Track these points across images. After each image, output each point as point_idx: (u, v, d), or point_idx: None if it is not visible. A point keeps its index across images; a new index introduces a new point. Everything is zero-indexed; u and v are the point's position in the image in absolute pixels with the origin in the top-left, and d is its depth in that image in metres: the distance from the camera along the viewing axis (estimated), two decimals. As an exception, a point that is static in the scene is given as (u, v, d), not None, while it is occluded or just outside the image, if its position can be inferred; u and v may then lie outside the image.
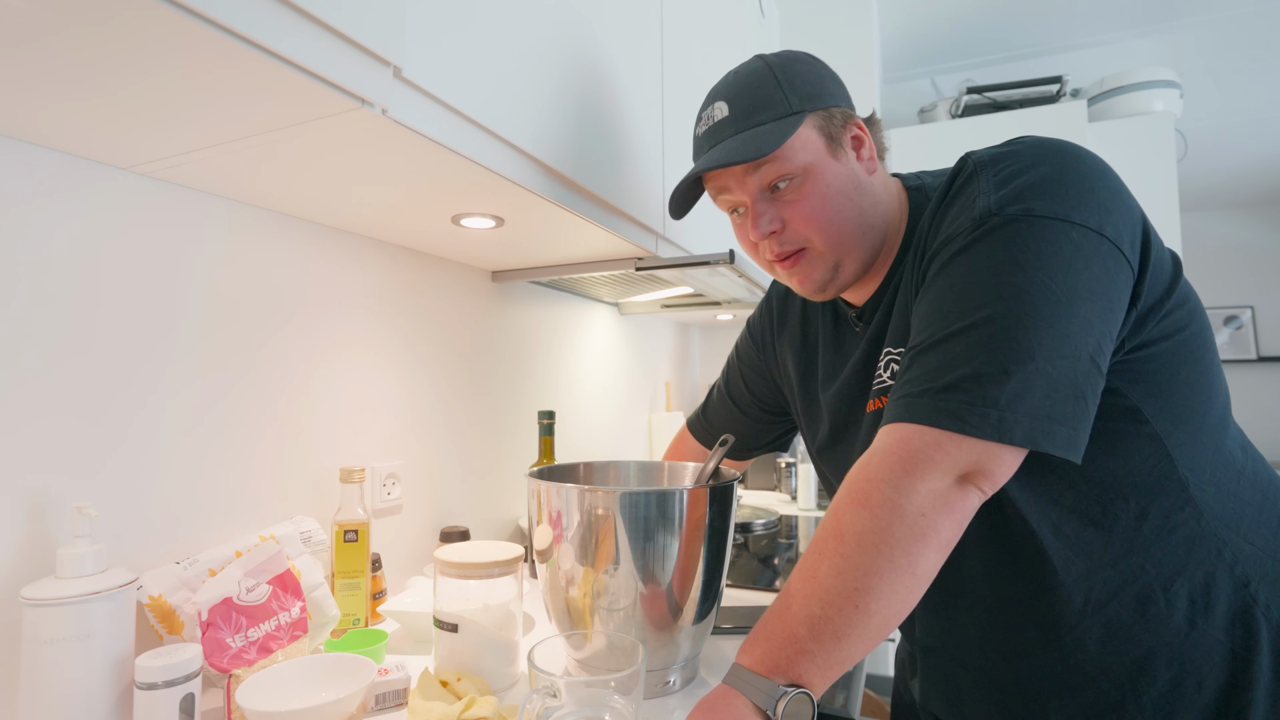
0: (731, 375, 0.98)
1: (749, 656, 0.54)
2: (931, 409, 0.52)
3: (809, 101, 0.65)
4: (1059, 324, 0.51)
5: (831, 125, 0.66)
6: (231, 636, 0.66)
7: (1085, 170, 0.55)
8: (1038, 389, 0.50)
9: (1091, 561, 0.58)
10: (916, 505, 0.50)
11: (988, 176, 0.58)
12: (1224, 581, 0.57)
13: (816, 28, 2.15)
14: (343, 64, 0.52)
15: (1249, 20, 2.50)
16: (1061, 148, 0.57)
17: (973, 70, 2.90)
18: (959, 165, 0.62)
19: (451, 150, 0.66)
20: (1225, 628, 0.57)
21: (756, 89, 0.66)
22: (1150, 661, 0.57)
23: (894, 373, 0.65)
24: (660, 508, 0.70)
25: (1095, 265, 0.52)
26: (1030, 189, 0.54)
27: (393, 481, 1.06)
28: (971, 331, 0.52)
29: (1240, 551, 0.58)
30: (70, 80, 0.51)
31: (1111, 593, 0.58)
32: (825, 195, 0.65)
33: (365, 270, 1.03)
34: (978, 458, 0.51)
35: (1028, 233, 0.53)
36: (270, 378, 0.88)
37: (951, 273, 0.56)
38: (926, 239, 0.63)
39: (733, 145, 0.65)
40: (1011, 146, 0.59)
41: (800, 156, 0.64)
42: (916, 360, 0.56)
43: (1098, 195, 0.54)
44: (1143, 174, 2.67)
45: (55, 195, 0.66)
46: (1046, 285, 0.51)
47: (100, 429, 0.69)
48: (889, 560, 0.50)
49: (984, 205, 0.56)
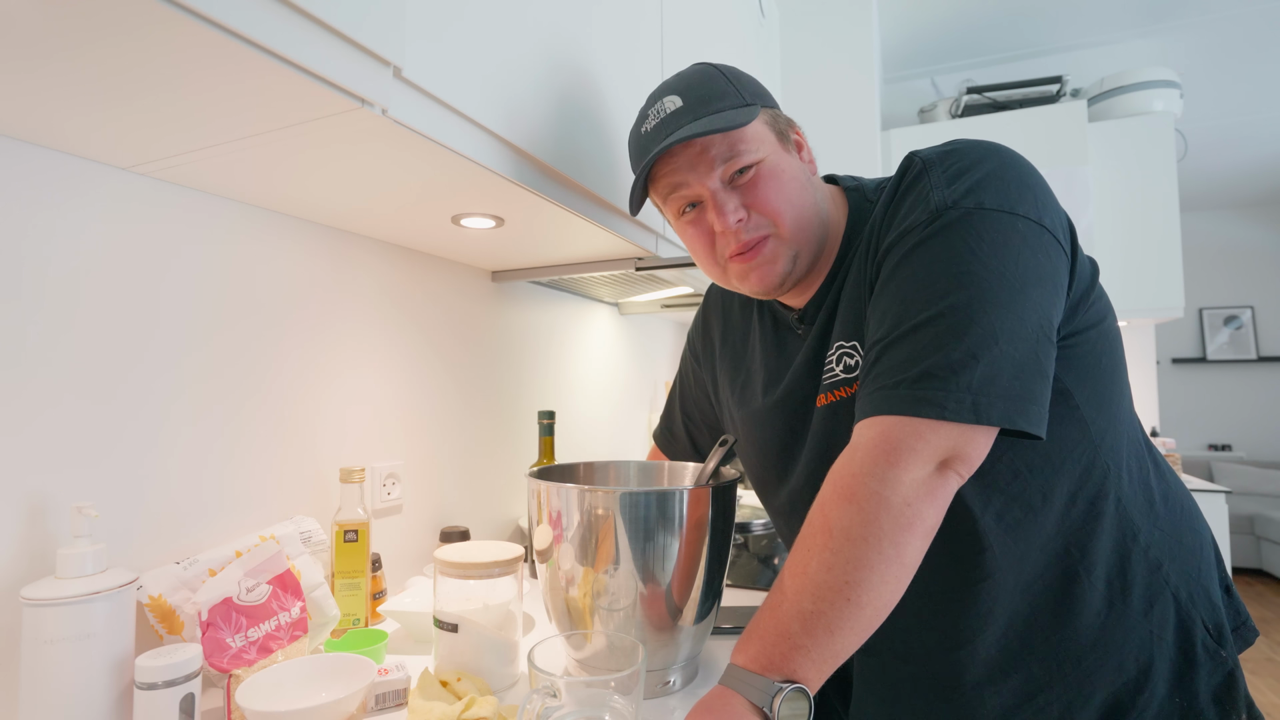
0: (684, 390, 0.97)
1: (743, 655, 0.54)
2: (909, 398, 0.53)
3: (758, 99, 0.68)
4: (1015, 308, 0.53)
5: (779, 124, 0.69)
6: (231, 636, 0.66)
7: (1022, 168, 0.59)
8: (1005, 370, 0.52)
9: (1025, 546, 0.60)
10: (902, 496, 0.52)
11: (938, 173, 0.60)
12: (1139, 565, 0.61)
13: (816, 28, 2.15)
14: (342, 64, 0.52)
15: (1249, 20, 2.50)
16: (997, 148, 0.60)
17: (973, 70, 2.90)
18: (906, 162, 0.63)
19: (451, 150, 0.66)
20: (1143, 610, 0.61)
21: (708, 84, 0.67)
22: (1074, 643, 0.60)
23: (846, 365, 0.65)
24: (660, 508, 0.70)
25: (1040, 253, 0.56)
26: (979, 184, 0.57)
27: (393, 481, 1.06)
28: (938, 320, 0.54)
29: (1152, 537, 0.62)
30: (70, 81, 0.51)
31: (1037, 574, 0.61)
32: (784, 181, 0.66)
33: (365, 270, 1.03)
34: (955, 442, 0.53)
35: (980, 224, 0.56)
36: (270, 377, 0.88)
37: (912, 264, 0.58)
38: (879, 233, 0.64)
39: (702, 125, 0.63)
40: (954, 146, 0.62)
41: (760, 148, 0.66)
42: (886, 352, 0.56)
43: (1034, 190, 0.58)
44: (1143, 174, 2.67)
45: (55, 196, 0.66)
46: (1001, 272, 0.54)
47: (100, 429, 0.69)
48: (878, 552, 0.51)
49: (939, 199, 0.58)
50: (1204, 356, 4.85)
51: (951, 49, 2.76)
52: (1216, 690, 0.61)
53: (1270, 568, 4.29)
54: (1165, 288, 2.63)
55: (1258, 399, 4.77)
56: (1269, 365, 4.75)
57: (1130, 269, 2.65)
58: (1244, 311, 4.81)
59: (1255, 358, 4.73)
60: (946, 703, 0.65)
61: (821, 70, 2.14)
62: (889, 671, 0.69)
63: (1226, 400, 4.82)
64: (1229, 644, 0.62)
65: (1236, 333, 4.80)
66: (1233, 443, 4.81)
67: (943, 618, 0.64)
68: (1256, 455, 4.75)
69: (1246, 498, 4.45)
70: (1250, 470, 4.47)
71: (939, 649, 0.65)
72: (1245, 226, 4.86)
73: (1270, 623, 3.63)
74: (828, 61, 2.14)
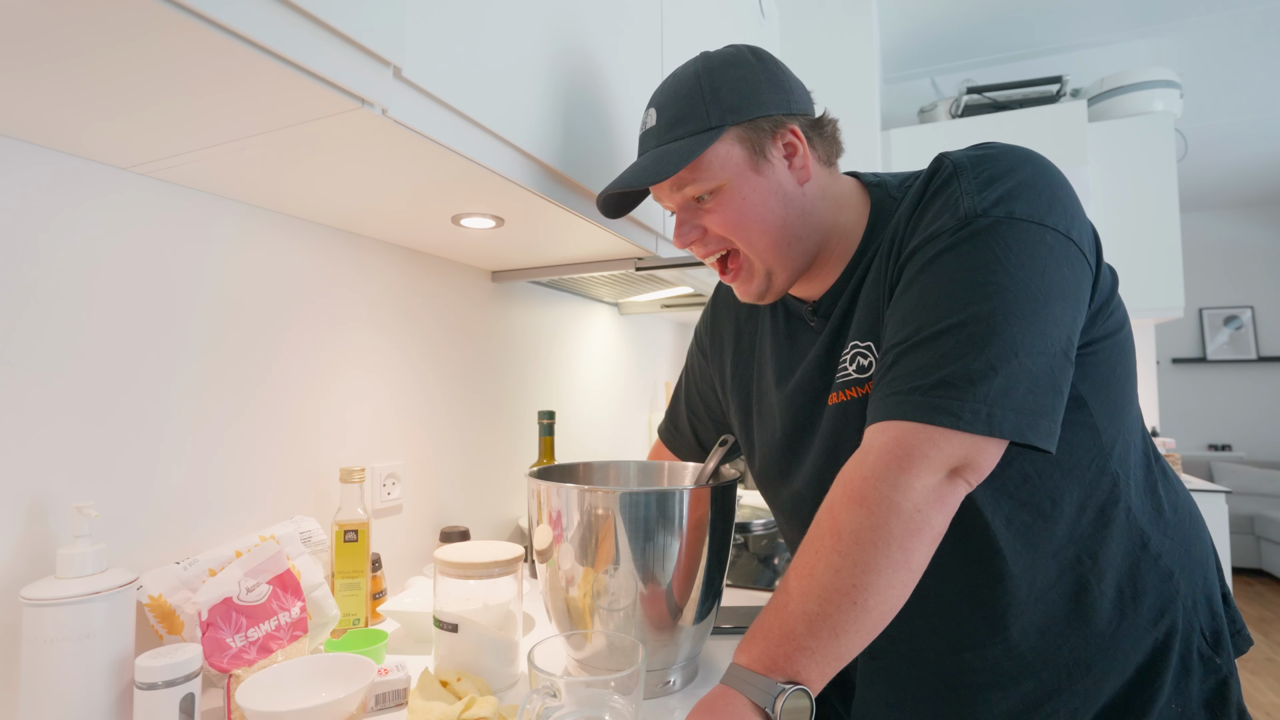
0: (690, 385, 0.97)
1: (746, 655, 0.54)
2: (924, 405, 0.53)
3: (731, 115, 0.65)
4: (1038, 322, 0.53)
5: (757, 136, 0.66)
6: (231, 636, 0.66)
7: (1053, 178, 0.58)
8: (1021, 384, 0.52)
9: (1037, 552, 0.60)
10: (913, 502, 0.52)
11: (969, 178, 0.59)
12: (1150, 574, 0.61)
13: (816, 27, 2.15)
14: (343, 64, 0.52)
15: (1249, 20, 2.50)
16: (1030, 155, 0.59)
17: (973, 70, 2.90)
18: (936, 164, 0.62)
19: (451, 150, 0.66)
20: (1152, 619, 0.61)
21: (683, 99, 0.67)
22: (1084, 650, 0.60)
23: (860, 366, 0.65)
24: (660, 508, 0.70)
25: (1065, 266, 0.55)
26: (1011, 193, 0.56)
27: (393, 481, 1.06)
28: (960, 329, 0.54)
29: (1162, 545, 0.62)
30: (71, 81, 0.51)
31: (1050, 582, 0.61)
32: (741, 209, 0.66)
33: (366, 270, 1.03)
34: (967, 451, 0.52)
35: (1009, 234, 0.55)
36: (270, 377, 0.88)
37: (937, 270, 0.57)
38: (903, 235, 0.63)
39: (646, 162, 0.68)
40: (986, 150, 0.61)
41: (718, 173, 0.65)
42: (903, 357, 0.56)
43: (1063, 201, 0.57)
44: (1143, 174, 2.67)
45: (56, 196, 0.66)
46: (1027, 285, 0.54)
47: (100, 429, 0.69)
48: (886, 556, 0.51)
49: (969, 206, 0.57)
50: (1204, 356, 4.85)
51: (951, 49, 2.76)
52: (1209, 697, 0.61)
53: (1270, 568, 4.29)
54: (1165, 288, 2.63)
55: (1258, 399, 4.77)
56: (1269, 365, 4.74)
57: (1130, 269, 2.65)
58: (1244, 311, 4.81)
59: (1255, 358, 4.72)
60: (952, 706, 0.64)
61: (821, 70, 2.14)
62: (897, 674, 0.68)
63: (1226, 400, 4.82)
64: (1226, 651, 0.62)
65: (1236, 333, 4.80)
66: (1233, 443, 4.81)
67: (953, 621, 0.64)
68: (1256, 455, 4.75)
69: (1246, 498, 4.45)
70: (1250, 470, 4.47)
71: (948, 652, 0.64)
72: (1245, 226, 4.86)
73: (1270, 623, 3.63)
74: (828, 61, 2.14)
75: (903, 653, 0.67)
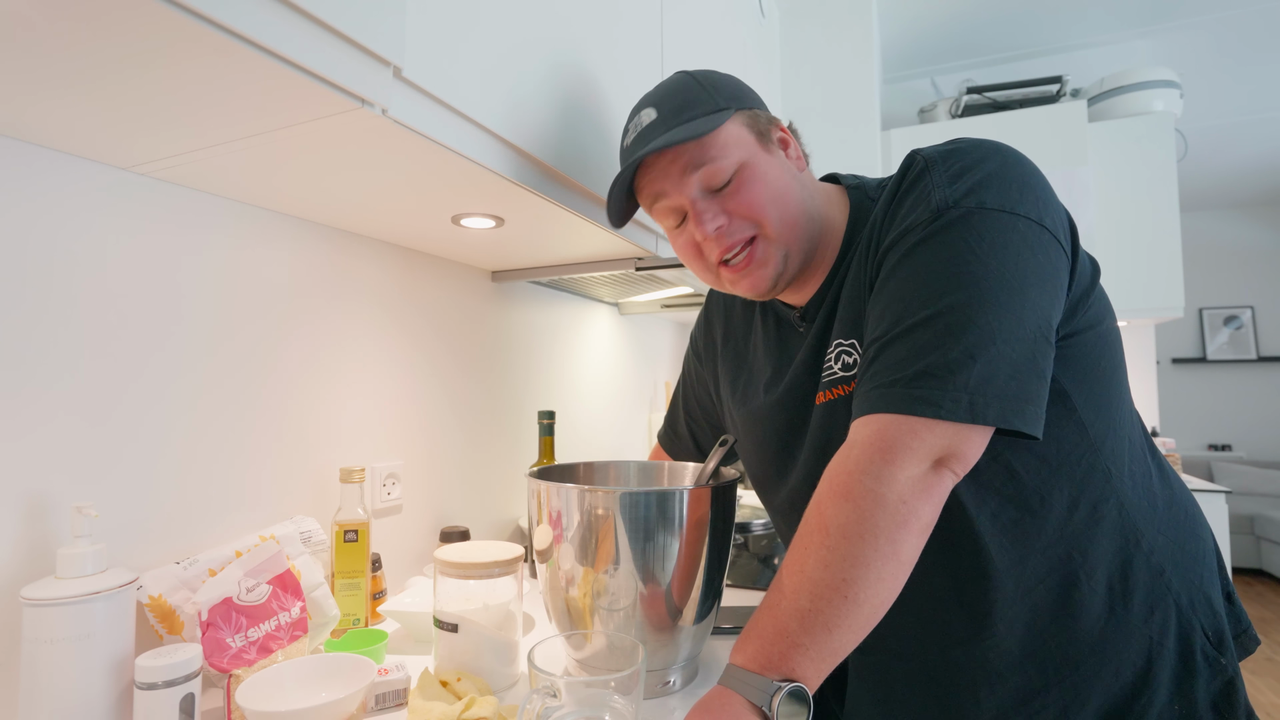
0: (687, 389, 0.97)
1: (742, 655, 0.54)
2: (905, 397, 0.53)
3: (734, 101, 0.68)
4: (1014, 308, 0.54)
5: (759, 123, 0.69)
6: (231, 636, 0.66)
7: (1024, 167, 0.59)
8: (1002, 371, 0.52)
9: (1024, 549, 0.60)
10: (897, 493, 0.52)
11: (939, 172, 0.60)
12: (1141, 570, 0.61)
13: (816, 28, 2.15)
14: (343, 64, 0.52)
15: (1249, 20, 2.50)
16: (1000, 147, 0.60)
17: (973, 70, 2.90)
18: (909, 161, 0.63)
19: (451, 150, 0.66)
20: (1144, 617, 0.60)
21: (682, 93, 0.68)
22: (1073, 646, 0.60)
23: (844, 364, 0.66)
24: (660, 508, 0.70)
25: (1039, 253, 0.56)
26: (980, 184, 0.57)
27: (393, 481, 1.06)
28: (936, 320, 0.54)
29: (1155, 542, 0.62)
30: (70, 81, 0.51)
31: (1038, 579, 0.60)
32: (765, 182, 0.66)
33: (365, 270, 1.03)
34: (950, 441, 0.53)
35: (981, 224, 0.56)
36: (270, 377, 0.88)
37: (912, 263, 0.58)
38: (879, 231, 0.64)
39: (669, 136, 0.65)
40: (956, 145, 0.62)
41: (735, 152, 0.66)
42: (883, 351, 0.57)
43: (1035, 190, 0.58)
44: (1143, 174, 2.67)
45: (57, 196, 0.66)
46: (1001, 272, 0.54)
47: (100, 429, 0.69)
48: (874, 549, 0.51)
49: (940, 198, 0.58)
50: (1204, 356, 4.85)
51: (951, 49, 2.76)
52: (1215, 698, 0.60)
53: (1270, 568, 4.29)
54: (1165, 288, 2.62)
55: (1258, 399, 4.77)
56: (1269, 365, 4.74)
57: (1130, 269, 2.65)
58: (1244, 311, 4.81)
59: (1255, 358, 4.72)
60: (941, 702, 0.65)
61: (821, 70, 2.14)
62: (886, 669, 0.69)
63: (1226, 400, 4.82)
64: (1229, 651, 0.62)
65: (1236, 333, 4.80)
66: (1233, 443, 4.81)
67: (940, 617, 0.64)
68: (1256, 455, 4.74)
69: (1246, 498, 4.45)
70: (1250, 470, 4.47)
71: (936, 648, 0.65)
72: (1245, 226, 4.86)
73: (1270, 623, 3.63)
74: (828, 61, 2.14)
75: (891, 649, 0.67)
